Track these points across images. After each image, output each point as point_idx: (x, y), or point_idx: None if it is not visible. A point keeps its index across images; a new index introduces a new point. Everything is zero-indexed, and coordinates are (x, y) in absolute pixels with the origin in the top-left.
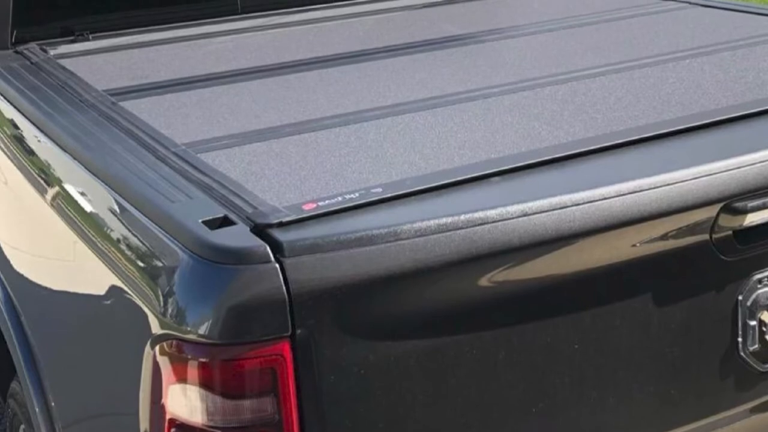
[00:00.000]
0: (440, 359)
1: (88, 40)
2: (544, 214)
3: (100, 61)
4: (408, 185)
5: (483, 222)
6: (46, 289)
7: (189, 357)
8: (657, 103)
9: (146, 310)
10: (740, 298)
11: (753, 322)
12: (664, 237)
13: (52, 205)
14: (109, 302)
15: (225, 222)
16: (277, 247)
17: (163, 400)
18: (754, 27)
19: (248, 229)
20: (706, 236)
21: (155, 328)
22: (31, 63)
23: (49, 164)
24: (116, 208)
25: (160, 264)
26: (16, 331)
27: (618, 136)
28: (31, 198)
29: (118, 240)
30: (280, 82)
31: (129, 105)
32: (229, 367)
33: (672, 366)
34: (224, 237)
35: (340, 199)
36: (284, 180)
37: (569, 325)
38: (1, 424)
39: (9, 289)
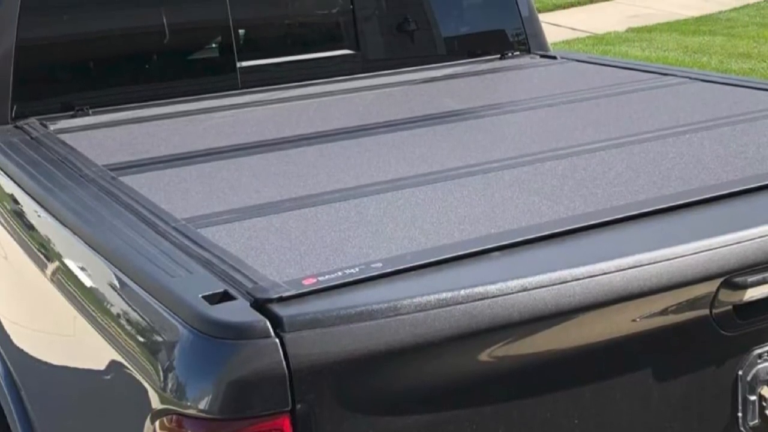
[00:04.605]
0: None
1: (88, 114)
2: (544, 289)
3: (100, 136)
4: (408, 260)
5: (483, 297)
6: (46, 363)
7: None
8: (657, 177)
9: (146, 385)
10: (740, 373)
11: (753, 397)
12: (664, 312)
13: (52, 280)
14: (109, 377)
15: (225, 297)
16: (277, 322)
17: None
18: (753, 102)
19: (248, 304)
20: (707, 311)
21: (155, 403)
22: (31, 138)
23: (49, 239)
24: (116, 283)
25: (160, 339)
26: (16, 406)
27: (618, 211)
28: (31, 273)
29: (118, 315)
30: (281, 156)
31: (129, 180)
32: None
33: None
34: (224, 312)
35: (340, 274)
36: (284, 255)
37: (569, 400)
38: None
39: (9, 364)
